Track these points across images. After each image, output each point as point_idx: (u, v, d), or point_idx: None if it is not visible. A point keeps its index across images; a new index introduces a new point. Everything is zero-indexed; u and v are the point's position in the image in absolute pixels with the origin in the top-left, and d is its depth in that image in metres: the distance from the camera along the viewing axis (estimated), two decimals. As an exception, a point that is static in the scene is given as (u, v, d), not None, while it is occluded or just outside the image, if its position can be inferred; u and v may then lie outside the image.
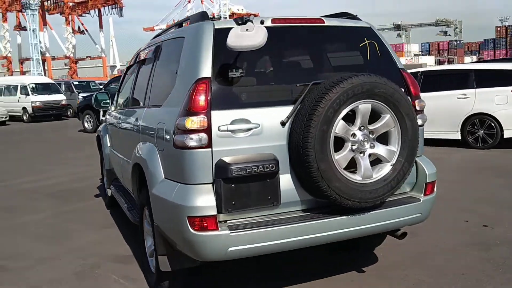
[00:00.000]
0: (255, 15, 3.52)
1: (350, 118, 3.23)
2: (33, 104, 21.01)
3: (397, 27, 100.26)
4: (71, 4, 72.20)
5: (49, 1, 71.92)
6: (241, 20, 3.29)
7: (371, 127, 3.29)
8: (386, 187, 3.30)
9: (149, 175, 3.53)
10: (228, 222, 3.13)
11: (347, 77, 3.15)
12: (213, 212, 3.03)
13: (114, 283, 4.04)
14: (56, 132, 17.84)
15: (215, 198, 3.05)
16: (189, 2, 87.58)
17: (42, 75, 60.99)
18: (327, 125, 3.10)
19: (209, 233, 3.04)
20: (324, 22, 3.61)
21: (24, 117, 21.74)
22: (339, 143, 3.21)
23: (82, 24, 78.22)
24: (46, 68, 72.35)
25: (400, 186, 3.40)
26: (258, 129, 3.19)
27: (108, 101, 6.10)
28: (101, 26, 78.33)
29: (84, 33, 78.67)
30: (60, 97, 22.03)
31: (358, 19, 3.92)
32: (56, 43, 78.04)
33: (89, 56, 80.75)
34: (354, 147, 3.24)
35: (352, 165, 3.27)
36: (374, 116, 3.30)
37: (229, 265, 3.94)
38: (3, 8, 71.17)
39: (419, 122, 3.59)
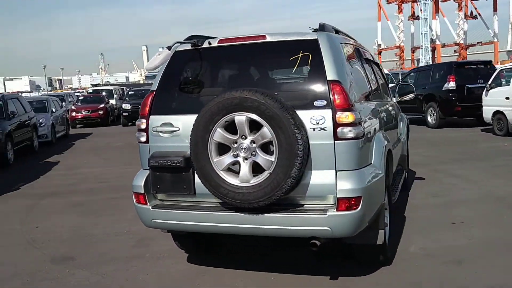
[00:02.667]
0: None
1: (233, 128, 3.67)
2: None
3: None
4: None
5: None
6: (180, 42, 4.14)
7: (251, 137, 3.62)
8: (260, 192, 3.58)
9: None
10: (160, 201, 4.15)
11: (223, 92, 3.62)
12: (142, 190, 4.11)
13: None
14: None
15: (146, 181, 4.11)
16: None
17: (429, 62, 63.18)
18: (205, 132, 3.69)
19: (141, 206, 4.15)
20: (265, 38, 3.99)
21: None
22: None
23: (476, 8, 76.14)
24: (435, 55, 74.16)
25: (278, 194, 3.57)
26: (178, 132, 4.02)
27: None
28: (495, 9, 74.42)
29: (477, 18, 76.46)
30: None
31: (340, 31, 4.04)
32: (447, 30, 78.78)
33: (480, 42, 78.13)
34: (235, 153, 3.68)
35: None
36: (258, 127, 3.61)
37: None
38: (399, 0, 76.61)
39: (350, 135, 3.60)
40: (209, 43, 4.11)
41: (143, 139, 4.16)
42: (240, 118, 3.61)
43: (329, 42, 3.87)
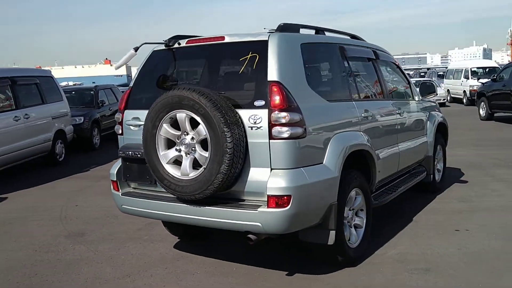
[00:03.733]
0: (193, 36, 4.48)
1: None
2: (470, 88, 21.61)
3: None
4: None
5: None
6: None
7: (191, 133, 3.85)
8: (195, 186, 3.82)
9: None
10: (133, 189, 4.55)
11: (168, 90, 3.89)
12: (114, 178, 4.55)
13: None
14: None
15: (119, 170, 4.53)
16: None
17: None
18: (153, 127, 4.00)
19: (114, 192, 4.60)
20: (224, 39, 4.17)
21: (464, 100, 22.65)
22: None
23: None
24: None
25: (211, 189, 3.76)
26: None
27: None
28: None
29: None
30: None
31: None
32: None
33: None
34: (178, 148, 3.94)
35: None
36: (197, 124, 3.83)
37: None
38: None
39: (285, 135, 3.71)
40: (179, 44, 4.38)
41: (119, 131, 4.58)
42: (181, 115, 3.86)
43: (280, 43, 3.94)
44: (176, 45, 4.39)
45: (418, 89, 6.33)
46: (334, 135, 4.15)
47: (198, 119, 3.77)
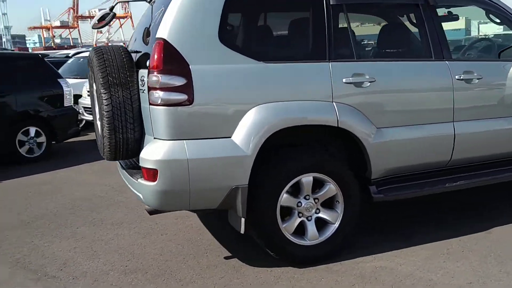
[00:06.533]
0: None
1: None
2: None
3: None
4: None
5: None
6: None
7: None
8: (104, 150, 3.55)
9: None
10: None
11: None
12: None
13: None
14: None
15: None
16: None
17: None
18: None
19: None
20: None
21: None
22: None
23: None
24: None
25: (107, 153, 3.48)
26: None
27: None
28: None
29: None
30: None
31: None
32: None
33: None
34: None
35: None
36: None
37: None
38: None
39: (159, 101, 3.18)
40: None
41: None
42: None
43: None
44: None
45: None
46: (255, 105, 3.29)
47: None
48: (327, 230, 3.63)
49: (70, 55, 14.76)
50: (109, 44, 11.89)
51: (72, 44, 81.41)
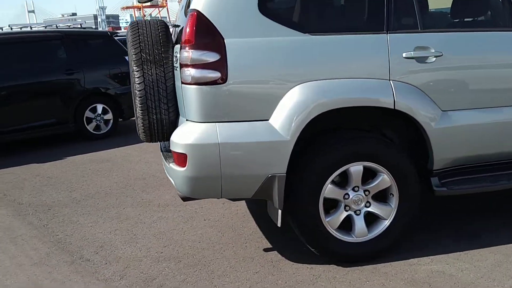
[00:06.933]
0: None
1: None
2: None
3: None
4: None
5: None
6: None
7: None
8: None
9: None
10: None
11: None
12: None
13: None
14: None
15: None
16: None
17: None
18: None
19: None
20: None
21: None
22: None
23: None
24: None
25: (142, 134, 3.24)
26: None
27: None
28: None
29: None
30: None
31: None
32: None
33: None
34: None
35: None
36: None
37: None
38: None
39: (189, 79, 2.89)
40: None
41: None
42: None
43: None
44: None
45: None
46: (298, 84, 2.91)
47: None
48: (378, 227, 3.22)
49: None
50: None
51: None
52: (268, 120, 2.90)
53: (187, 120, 3.00)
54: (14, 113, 7.03)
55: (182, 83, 2.93)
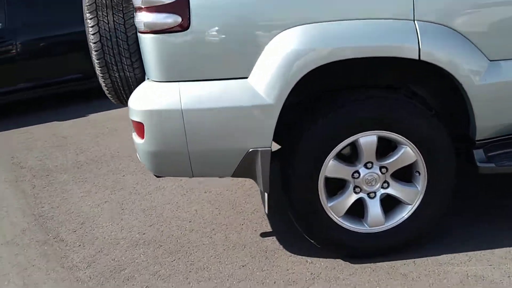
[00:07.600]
0: None
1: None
2: None
3: None
4: None
5: None
6: None
7: None
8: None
9: None
10: None
11: None
12: None
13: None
14: None
15: None
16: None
17: None
18: None
19: None
20: None
21: None
22: None
23: None
24: None
25: (107, 93, 2.73)
26: None
27: None
28: None
29: None
30: None
31: None
32: None
33: None
34: None
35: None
36: None
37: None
38: None
39: (142, 26, 2.24)
40: None
41: None
42: None
43: None
44: None
45: None
46: (285, 29, 2.17)
47: None
48: (399, 213, 2.50)
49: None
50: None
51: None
52: (246, 78, 2.21)
53: (147, 79, 2.39)
54: (45, 66, 6.68)
55: (139, 32, 2.30)
